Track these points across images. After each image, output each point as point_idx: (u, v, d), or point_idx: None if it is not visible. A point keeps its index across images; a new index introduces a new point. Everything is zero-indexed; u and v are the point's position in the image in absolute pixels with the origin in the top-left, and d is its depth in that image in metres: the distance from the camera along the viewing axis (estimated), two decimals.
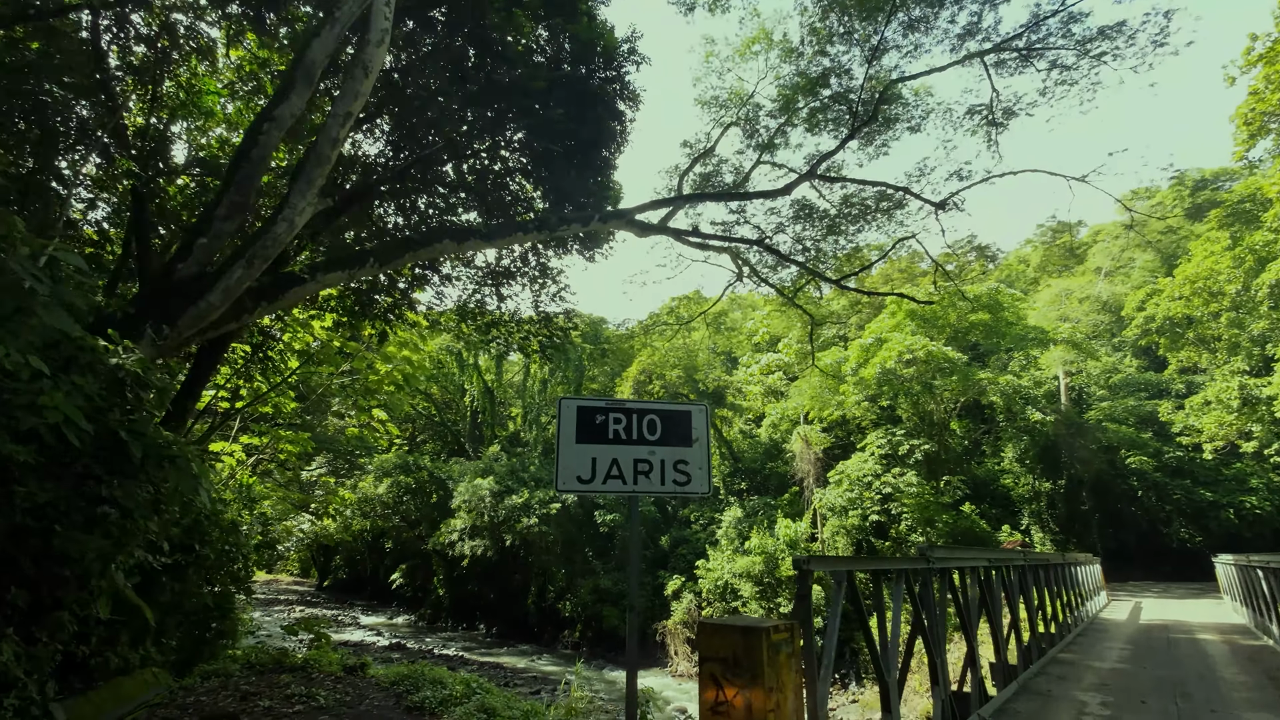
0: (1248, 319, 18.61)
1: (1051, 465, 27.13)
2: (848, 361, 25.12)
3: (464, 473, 31.21)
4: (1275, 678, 7.07)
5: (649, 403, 3.85)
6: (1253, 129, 15.29)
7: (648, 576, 28.83)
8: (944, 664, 4.92)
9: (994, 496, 27.46)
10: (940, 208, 10.57)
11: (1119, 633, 11.25)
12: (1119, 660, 8.13)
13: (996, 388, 23.70)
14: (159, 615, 9.21)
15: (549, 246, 14.03)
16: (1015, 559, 8.13)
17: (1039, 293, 34.63)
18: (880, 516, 23.29)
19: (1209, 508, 24.96)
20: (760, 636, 2.82)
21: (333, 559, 43.60)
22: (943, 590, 5.43)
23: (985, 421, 30.03)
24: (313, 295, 9.17)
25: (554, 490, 3.42)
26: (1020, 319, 25.98)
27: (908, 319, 24.60)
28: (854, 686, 20.75)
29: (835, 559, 3.74)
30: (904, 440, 24.08)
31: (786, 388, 31.45)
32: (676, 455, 3.74)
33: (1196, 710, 5.52)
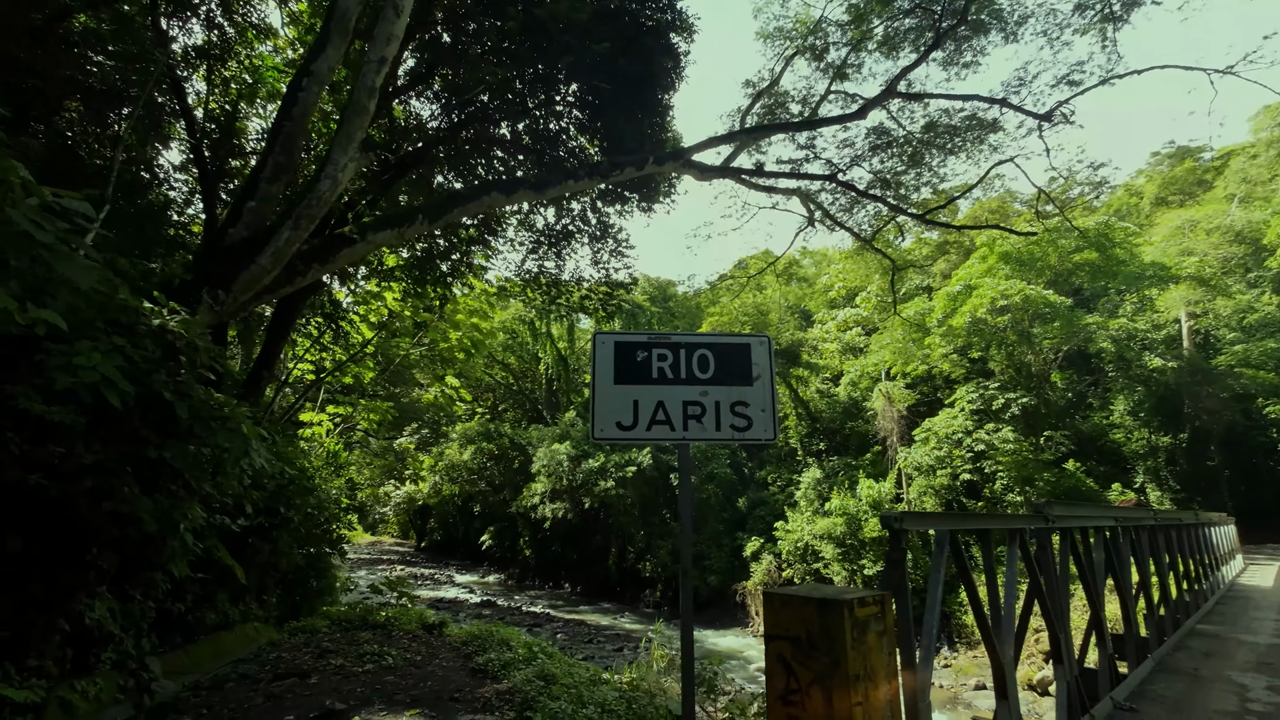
0: None
1: (1171, 417, 24.30)
2: (933, 312, 23.24)
3: (542, 438, 31.72)
4: None
5: (700, 335, 3.23)
6: None
7: (726, 538, 28.48)
8: (1068, 639, 4.12)
9: (1102, 453, 24.99)
10: (1045, 120, 9.09)
11: (1267, 602, 9.76)
12: (1276, 635, 6.90)
13: (1106, 333, 21.26)
14: (256, 575, 9.56)
15: (608, 203, 13.46)
16: (1144, 519, 7.01)
17: (1154, 228, 30.71)
18: (972, 475, 21.68)
19: None
20: (841, 611, 2.20)
21: (428, 522, 45.94)
22: (1064, 553, 4.57)
23: (1091, 372, 27.23)
24: (366, 256, 9.04)
25: (594, 439, 2.90)
26: (1134, 256, 23.07)
27: (1001, 262, 22.36)
28: (945, 650, 19.69)
29: (935, 515, 3.03)
30: (998, 394, 22.16)
31: (865, 344, 29.72)
32: (734, 396, 3.12)
33: None
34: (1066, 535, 4.61)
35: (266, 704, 4.96)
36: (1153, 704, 4.52)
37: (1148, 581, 6.68)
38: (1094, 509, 5.24)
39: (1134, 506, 16.82)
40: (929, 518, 2.97)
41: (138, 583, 5.61)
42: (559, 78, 10.23)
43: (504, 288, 15.45)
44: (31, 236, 3.17)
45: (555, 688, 4.31)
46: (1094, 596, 4.98)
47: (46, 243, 3.22)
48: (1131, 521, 6.34)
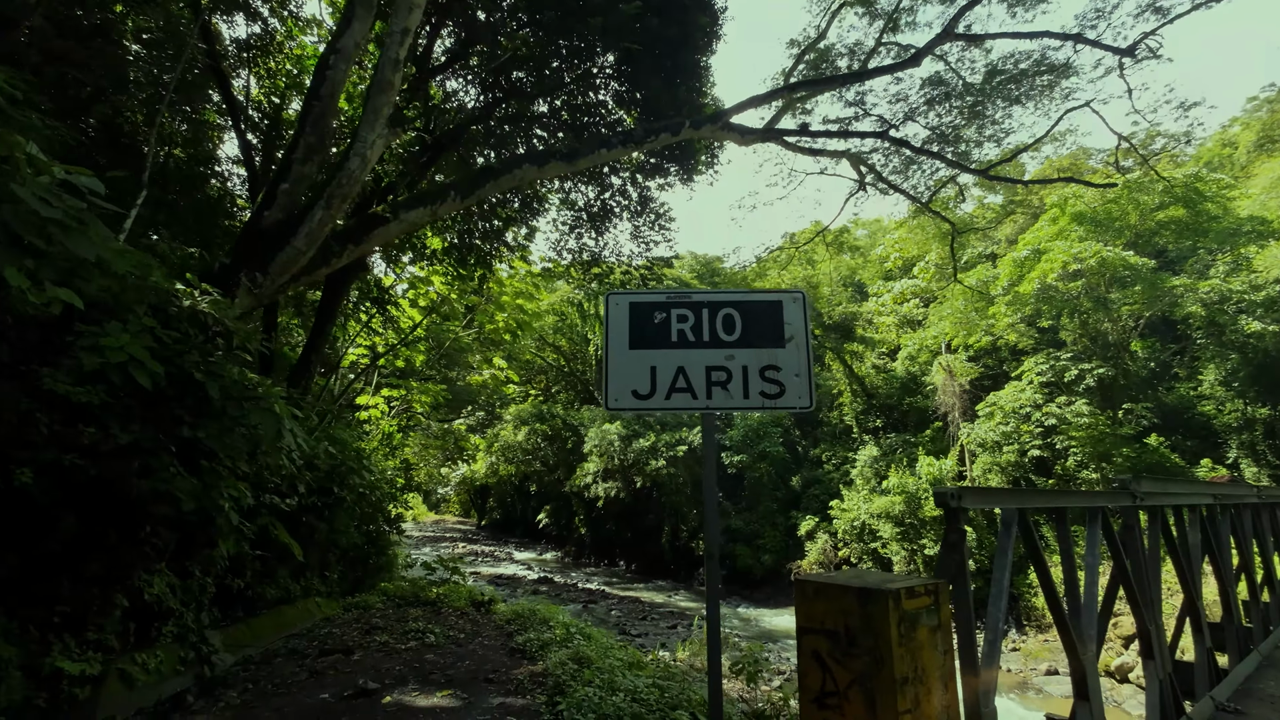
0: None
1: (1270, 387, 22.07)
2: (999, 280, 21.81)
3: (593, 419, 31.85)
4: None
5: (725, 293, 2.88)
6: None
7: (780, 517, 27.97)
8: (1160, 632, 3.61)
9: (1189, 426, 23.00)
10: (1128, 54, 8.09)
11: None
12: None
13: (1195, 296, 19.43)
14: (317, 552, 9.82)
15: (648, 175, 13.08)
16: (1246, 496, 6.23)
17: (1252, 179, 27.82)
18: (1042, 451, 20.38)
19: None
20: (886, 602, 1.85)
21: (488, 501, 47.20)
22: (1153, 534, 4.02)
23: (1178, 339, 25.04)
24: (401, 235, 8.99)
25: (607, 409, 2.61)
26: (1228, 211, 20.93)
27: (1074, 224, 20.70)
28: (1014, 634, 18.72)
29: (1000, 492, 2.60)
30: (1070, 365, 20.66)
31: (923, 316, 28.30)
32: (764, 359, 2.76)
33: None
34: (1156, 514, 4.04)
35: (309, 680, 4.98)
36: (1261, 705, 3.95)
37: (1251, 565, 5.94)
38: (1187, 485, 4.63)
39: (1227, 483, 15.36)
40: (993, 494, 2.56)
41: (196, 559, 5.73)
42: (595, 48, 9.88)
43: (548, 268, 15.33)
44: (38, 213, 3.11)
45: (588, 671, 4.11)
46: (1188, 582, 4.39)
47: (54, 218, 3.16)
48: (1232, 499, 5.62)
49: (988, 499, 2.54)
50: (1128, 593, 3.53)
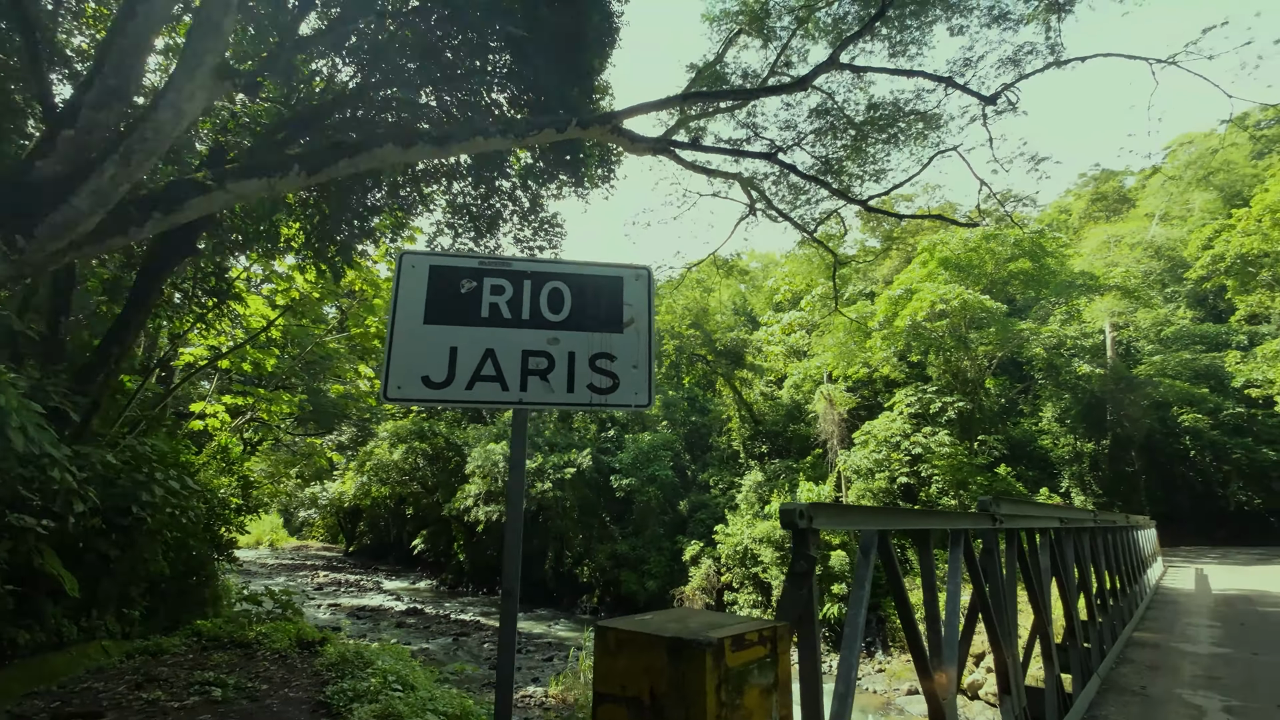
0: None
1: (1095, 424, 25.02)
2: (875, 315, 23.19)
3: (479, 438, 30.33)
4: None
5: (553, 263, 2.36)
6: None
7: (666, 541, 27.75)
8: (1018, 665, 3.44)
9: (1030, 458, 25.49)
10: (990, 102, 8.68)
11: (1194, 606, 9.60)
12: (1214, 643, 6.53)
13: (1038, 340, 21.60)
14: (115, 585, 8.13)
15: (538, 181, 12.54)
16: (1085, 520, 6.55)
17: (1083, 242, 31.86)
18: (909, 479, 21.64)
19: (1273, 467, 22.73)
20: (702, 658, 1.34)
21: (358, 525, 43.60)
22: (1010, 558, 3.91)
23: (1023, 379, 27.87)
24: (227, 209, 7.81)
25: (384, 400, 2.00)
26: (1064, 266, 23.63)
27: (940, 268, 22.49)
28: (880, 655, 19.44)
29: (857, 510, 2.23)
30: (935, 398, 22.22)
31: (809, 346, 29.63)
32: (596, 346, 2.25)
33: None
34: (1013, 537, 3.96)
35: None
36: None
37: (1088, 587, 6.20)
38: (1039, 508, 4.64)
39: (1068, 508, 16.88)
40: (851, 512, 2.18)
41: None
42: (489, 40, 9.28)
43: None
44: None
45: None
46: (1039, 605, 4.36)
47: None
48: (1074, 522, 5.83)
49: (844, 519, 2.16)
50: (986, 622, 3.33)
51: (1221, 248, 19.57)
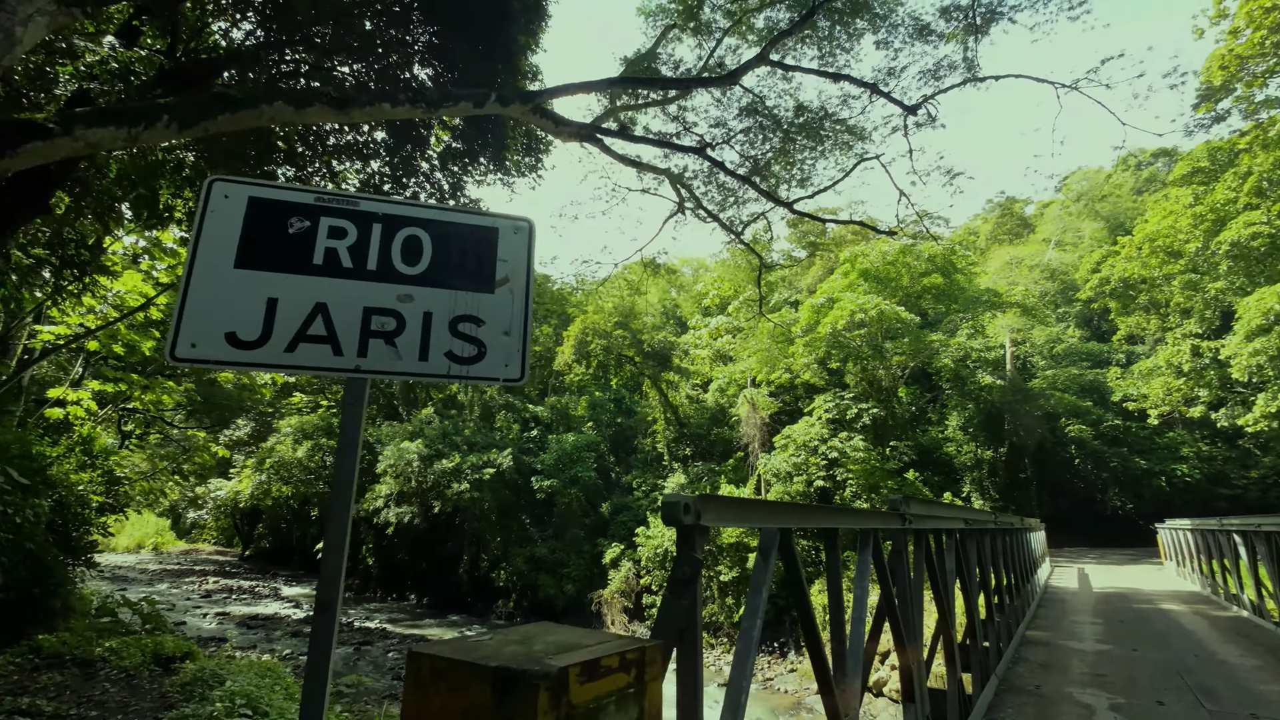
0: (1204, 279, 17.96)
1: (994, 433, 26.66)
2: (798, 322, 23.74)
3: (392, 436, 28.85)
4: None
5: (411, 205, 1.97)
6: (1229, 72, 14.18)
7: (587, 544, 27.30)
8: (921, 669, 3.31)
9: (937, 464, 26.85)
10: (912, 112, 8.90)
11: (1079, 604, 10.16)
12: (1098, 640, 6.84)
13: (947, 351, 22.75)
14: None
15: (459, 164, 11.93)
16: (986, 522, 6.70)
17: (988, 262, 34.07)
18: (825, 482, 22.21)
19: (1143, 475, 24.90)
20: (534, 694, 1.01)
21: (256, 527, 40.63)
22: (919, 559, 3.81)
23: (932, 389, 29.37)
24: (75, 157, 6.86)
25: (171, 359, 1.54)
26: (972, 283, 25.06)
27: (860, 279, 23.30)
28: (792, 655, 19.79)
29: (753, 506, 1.95)
30: (852, 404, 22.97)
31: (735, 351, 30.05)
32: (460, 307, 1.88)
33: (1233, 714, 4.13)
34: (922, 538, 3.87)
35: None
36: None
37: (988, 587, 6.33)
38: (946, 509, 4.61)
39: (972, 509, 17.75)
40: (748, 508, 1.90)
41: None
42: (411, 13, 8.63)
43: None
44: None
45: None
46: (944, 607, 4.31)
47: None
48: (977, 524, 5.93)
49: (740, 514, 1.88)
50: (893, 625, 3.19)
51: (1107, 271, 21.36)
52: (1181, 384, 18.81)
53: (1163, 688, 4.77)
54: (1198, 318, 18.71)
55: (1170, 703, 4.36)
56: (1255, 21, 13.77)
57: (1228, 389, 17.80)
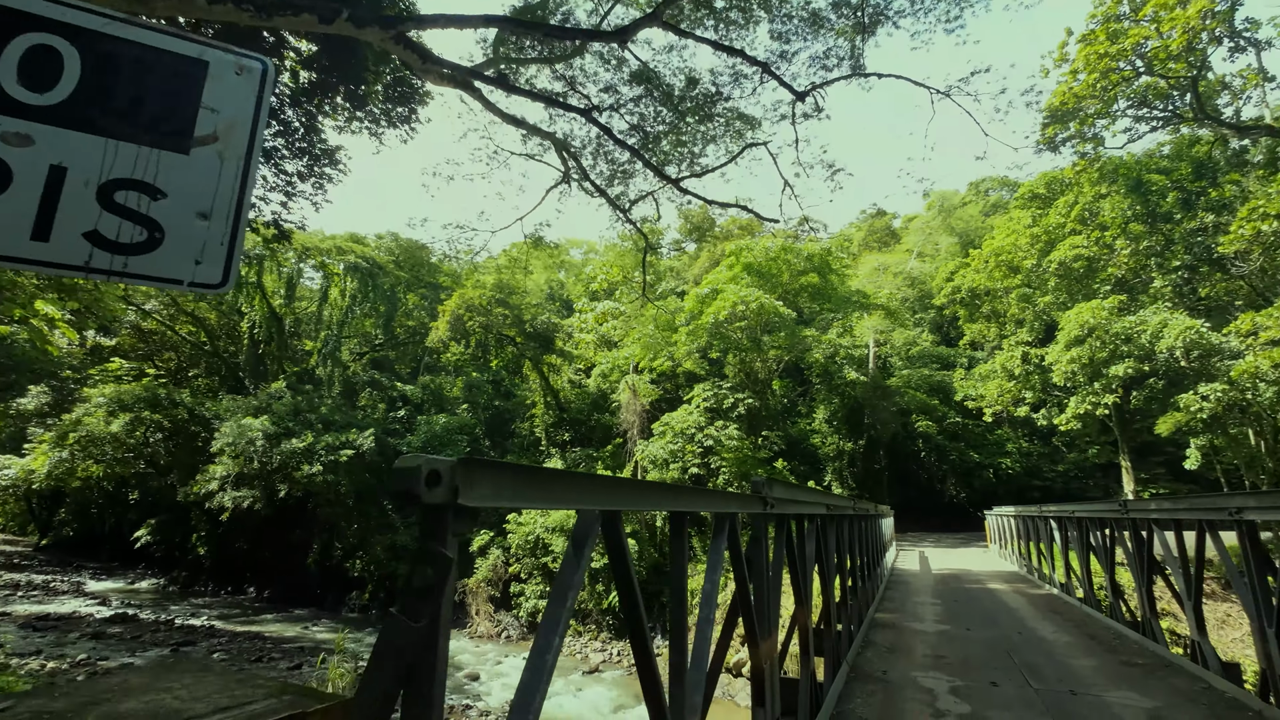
0: (1035, 294, 20.19)
1: (855, 427, 28.58)
2: (683, 311, 23.95)
3: (233, 411, 25.74)
4: (1091, 634, 6.41)
5: (53, 4, 1.25)
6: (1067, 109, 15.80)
7: None
8: (775, 670, 3.04)
9: (803, 454, 28.36)
10: (801, 98, 8.91)
11: (921, 585, 10.88)
12: (937, 620, 7.20)
13: (820, 347, 23.95)
14: None
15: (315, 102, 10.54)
16: (846, 508, 6.78)
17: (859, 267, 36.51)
18: (701, 470, 22.62)
19: (975, 467, 27.82)
20: None
21: (56, 512, 34.94)
22: (779, 547, 3.55)
23: (803, 383, 30.95)
24: None
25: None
26: (845, 285, 26.60)
27: (744, 272, 23.89)
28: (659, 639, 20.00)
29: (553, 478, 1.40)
30: (729, 394, 23.55)
31: (620, 337, 29.88)
32: (122, 165, 1.21)
33: (1055, 691, 4.32)
34: (783, 524, 3.63)
35: None
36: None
37: (844, 571, 6.40)
38: (809, 493, 4.45)
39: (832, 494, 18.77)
40: (546, 481, 1.36)
41: None
42: None
43: None
44: None
45: None
46: (802, 594, 4.14)
47: None
48: (838, 509, 5.93)
49: (533, 490, 1.33)
50: (746, 623, 2.87)
51: (959, 281, 23.51)
52: (1012, 386, 21.10)
53: (994, 667, 4.97)
54: (1029, 328, 21.08)
55: (1002, 683, 4.51)
56: (1091, 65, 15.43)
57: (1048, 392, 20.20)
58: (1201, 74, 15.97)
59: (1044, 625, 6.90)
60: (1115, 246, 17.51)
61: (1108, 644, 5.91)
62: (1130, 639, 6.02)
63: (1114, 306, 15.61)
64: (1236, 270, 15.17)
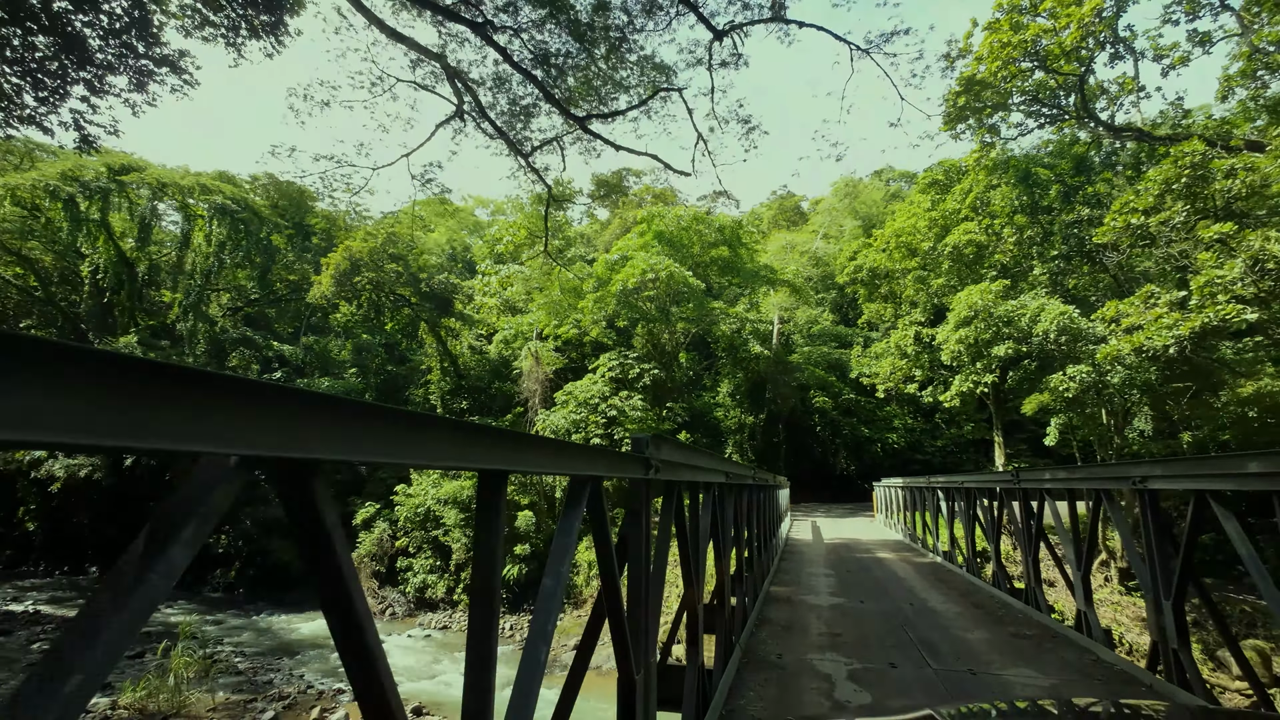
0: (930, 276, 21.02)
1: (757, 401, 29.07)
2: (591, 277, 23.06)
3: None
4: (977, 603, 6.38)
5: None
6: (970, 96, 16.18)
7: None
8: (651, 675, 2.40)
9: (706, 426, 28.54)
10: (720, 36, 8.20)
11: (814, 555, 10.85)
12: (831, 593, 6.96)
13: (728, 320, 23.89)
14: None
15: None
16: (746, 477, 6.34)
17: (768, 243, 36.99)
18: (603, 440, 22.07)
19: (865, 442, 29.14)
20: None
21: None
22: (665, 523, 2.91)
23: (709, 357, 31.07)
24: None
25: None
26: (754, 260, 26.66)
27: (655, 240, 23.29)
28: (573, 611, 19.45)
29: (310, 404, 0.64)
30: (635, 364, 23.06)
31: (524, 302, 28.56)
32: None
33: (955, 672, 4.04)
34: (673, 492, 2.99)
35: None
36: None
37: (740, 545, 5.98)
38: (706, 458, 3.85)
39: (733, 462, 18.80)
40: None
41: None
42: None
43: None
44: None
45: None
46: (694, 577, 3.55)
47: None
48: (738, 478, 5.44)
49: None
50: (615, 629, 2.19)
51: (861, 260, 24.14)
52: (904, 364, 21.99)
53: (890, 645, 4.67)
54: (922, 308, 22.00)
55: (900, 663, 4.18)
56: (994, 54, 15.84)
57: (935, 371, 21.23)
58: (1087, 75, 16.87)
59: (933, 595, 6.83)
60: (1003, 235, 18.41)
61: (995, 614, 5.85)
62: (1015, 608, 6.00)
63: (1000, 290, 16.38)
64: (1106, 260, 16.30)
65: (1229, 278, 10.61)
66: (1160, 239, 13.14)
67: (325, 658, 16.31)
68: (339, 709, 12.98)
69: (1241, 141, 12.69)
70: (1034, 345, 14.77)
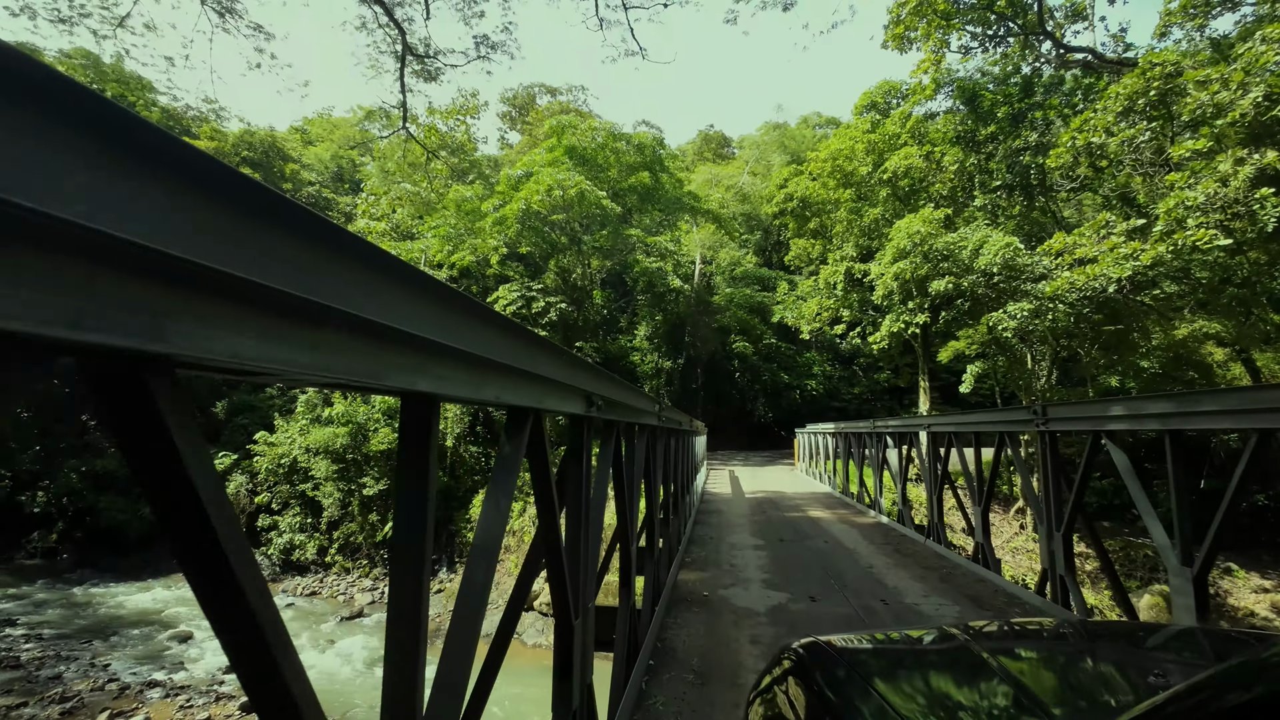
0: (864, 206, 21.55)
1: (675, 345, 29.43)
2: (494, 197, 21.96)
3: None
4: (979, 599, 5.72)
5: None
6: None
7: None
8: (590, 634, 2.25)
9: (622, 371, 28.62)
10: None
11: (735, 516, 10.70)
12: (766, 583, 6.22)
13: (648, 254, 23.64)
14: None
15: None
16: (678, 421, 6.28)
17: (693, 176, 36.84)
18: None
19: (784, 388, 30.39)
20: None
21: None
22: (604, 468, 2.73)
23: (626, 295, 30.92)
24: None
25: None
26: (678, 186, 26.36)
27: (566, 156, 22.39)
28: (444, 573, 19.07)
29: None
30: (540, 297, 22.50)
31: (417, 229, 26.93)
32: None
33: None
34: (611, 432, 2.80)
35: None
36: None
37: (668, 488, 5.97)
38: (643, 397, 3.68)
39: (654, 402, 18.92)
40: None
41: None
42: None
43: None
44: None
45: None
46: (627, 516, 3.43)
47: None
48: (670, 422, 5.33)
49: None
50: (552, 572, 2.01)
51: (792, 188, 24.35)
52: (832, 303, 22.77)
53: None
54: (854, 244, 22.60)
55: None
56: None
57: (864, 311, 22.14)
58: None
59: (906, 583, 6.19)
60: (943, 164, 18.99)
61: (997, 607, 5.43)
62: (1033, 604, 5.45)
63: (941, 219, 16.79)
64: (1059, 188, 17.15)
65: (1199, 200, 10.57)
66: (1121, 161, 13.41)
67: (151, 637, 15.01)
68: (140, 711, 11.46)
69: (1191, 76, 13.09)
70: (974, 280, 15.23)
